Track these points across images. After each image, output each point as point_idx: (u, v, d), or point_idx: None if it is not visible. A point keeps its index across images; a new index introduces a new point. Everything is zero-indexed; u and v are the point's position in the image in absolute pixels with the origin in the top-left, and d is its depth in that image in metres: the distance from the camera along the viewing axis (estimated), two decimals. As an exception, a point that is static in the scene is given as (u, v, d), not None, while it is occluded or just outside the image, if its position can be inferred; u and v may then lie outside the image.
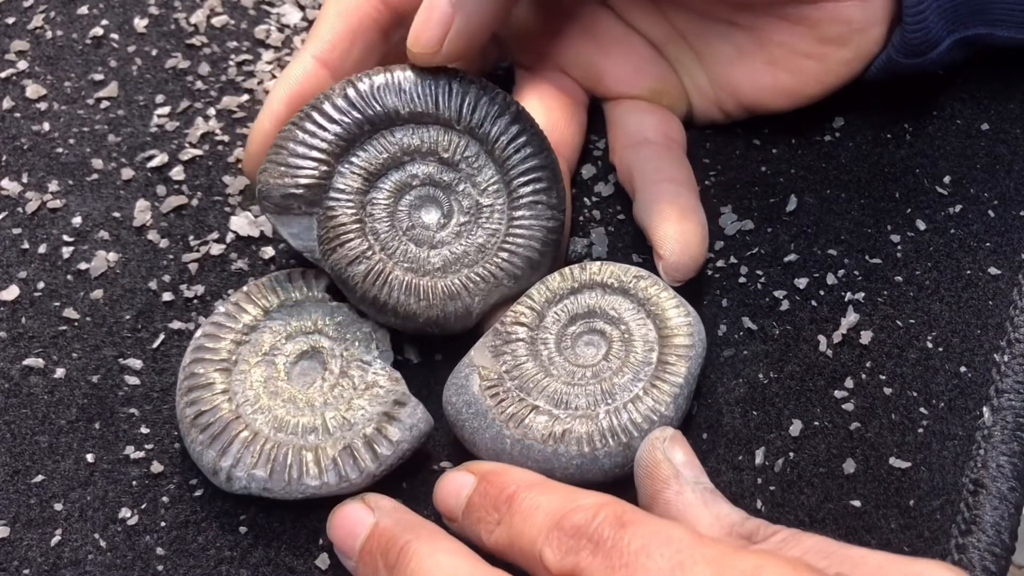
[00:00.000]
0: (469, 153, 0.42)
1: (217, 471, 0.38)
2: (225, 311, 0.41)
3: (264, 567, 0.38)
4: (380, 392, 0.39)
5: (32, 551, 0.38)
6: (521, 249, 0.41)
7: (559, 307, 0.41)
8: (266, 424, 0.39)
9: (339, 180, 0.40)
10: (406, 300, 0.40)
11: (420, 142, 0.41)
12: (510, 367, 0.39)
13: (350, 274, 0.40)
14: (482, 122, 0.41)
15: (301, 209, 0.40)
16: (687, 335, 0.39)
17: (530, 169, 0.42)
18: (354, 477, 0.37)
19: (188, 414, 0.39)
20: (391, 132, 0.41)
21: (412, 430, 0.38)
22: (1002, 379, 0.41)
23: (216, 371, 0.40)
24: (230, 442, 0.38)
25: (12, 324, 0.43)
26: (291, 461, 0.37)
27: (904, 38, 0.43)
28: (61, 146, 0.48)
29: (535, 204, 0.42)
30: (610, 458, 0.37)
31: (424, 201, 0.42)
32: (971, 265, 0.44)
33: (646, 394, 0.38)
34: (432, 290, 0.40)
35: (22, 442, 0.40)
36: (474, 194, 0.42)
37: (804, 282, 0.44)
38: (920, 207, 0.46)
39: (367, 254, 0.40)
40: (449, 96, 0.41)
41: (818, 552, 0.32)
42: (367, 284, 0.40)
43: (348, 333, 0.41)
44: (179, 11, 0.53)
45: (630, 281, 0.41)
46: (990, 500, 0.37)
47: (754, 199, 0.46)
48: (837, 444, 0.40)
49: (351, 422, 0.38)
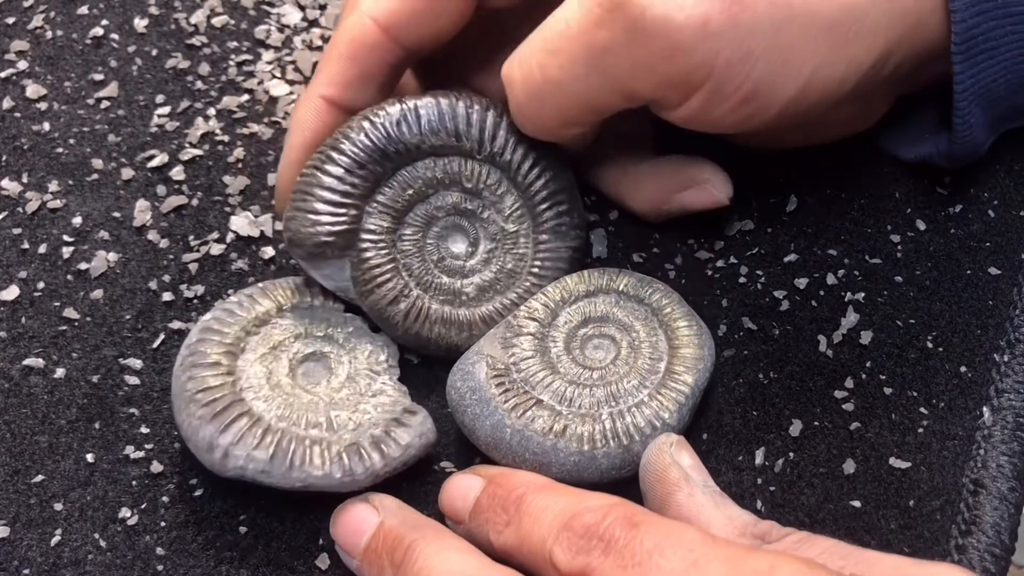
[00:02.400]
0: (491, 181, 0.41)
1: (213, 447, 0.36)
2: (238, 300, 0.40)
3: (264, 567, 0.38)
4: (386, 401, 0.39)
5: (32, 551, 0.38)
6: (549, 272, 0.42)
7: (573, 308, 0.41)
8: (268, 412, 0.38)
9: (368, 221, 0.40)
10: (447, 333, 0.41)
11: (443, 174, 0.41)
12: (518, 360, 0.40)
13: (390, 314, 0.40)
14: (503, 150, 0.41)
15: (334, 254, 0.40)
16: (697, 347, 0.39)
17: (552, 193, 0.42)
18: (359, 472, 0.37)
19: (189, 388, 0.37)
20: (413, 167, 0.41)
21: (421, 437, 0.38)
22: (1002, 379, 0.41)
23: (221, 353, 0.39)
24: (232, 420, 0.37)
25: (12, 324, 0.43)
26: (295, 448, 0.36)
27: (951, 150, 0.43)
28: (61, 146, 0.48)
29: (559, 227, 0.42)
30: (608, 459, 0.37)
31: (450, 231, 0.42)
32: (971, 265, 0.44)
33: (651, 400, 0.38)
34: (470, 320, 0.41)
35: (22, 442, 0.40)
36: (499, 220, 0.42)
37: (804, 282, 0.44)
38: (920, 207, 0.46)
39: (405, 292, 0.41)
40: (469, 126, 0.41)
41: (833, 553, 0.32)
42: (408, 322, 0.41)
43: (359, 344, 0.41)
44: (179, 11, 0.53)
45: (645, 290, 0.41)
46: (990, 500, 0.37)
47: (754, 199, 0.46)
48: (837, 444, 0.40)
49: (358, 423, 0.38)
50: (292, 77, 0.51)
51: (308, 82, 0.51)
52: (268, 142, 0.49)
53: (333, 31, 0.46)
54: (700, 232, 0.46)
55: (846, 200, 0.46)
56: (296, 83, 0.51)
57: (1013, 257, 0.44)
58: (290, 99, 0.50)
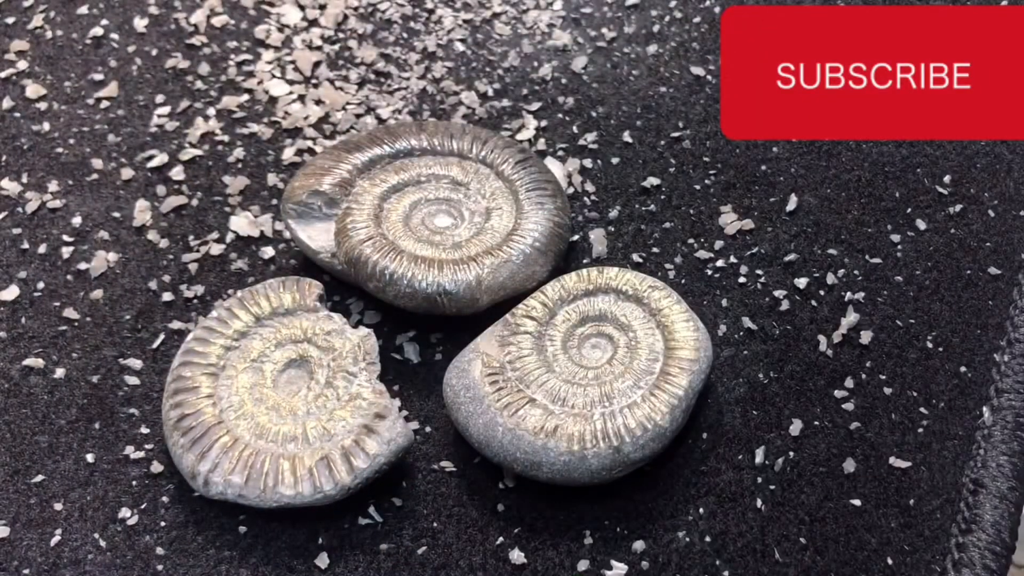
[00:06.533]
0: (480, 173, 0.45)
1: (195, 475, 0.38)
2: (217, 316, 0.41)
3: (264, 567, 0.38)
4: (363, 404, 0.39)
5: (32, 551, 0.38)
6: (529, 238, 0.43)
7: (571, 307, 0.41)
8: (247, 430, 0.39)
9: (359, 185, 0.44)
10: (416, 271, 0.41)
11: (438, 170, 0.45)
12: (513, 358, 0.40)
13: (362, 252, 0.42)
14: (492, 151, 0.45)
15: (321, 211, 0.43)
16: (693, 349, 0.39)
17: (534, 181, 0.45)
18: (328, 488, 0.37)
19: (172, 417, 0.39)
20: (409, 160, 0.45)
21: (390, 444, 0.38)
22: (1002, 379, 0.41)
23: (203, 375, 0.40)
24: (210, 447, 0.38)
25: (12, 324, 0.43)
26: (268, 469, 0.37)
27: None
28: (61, 146, 0.48)
29: (542, 206, 0.44)
30: (598, 459, 0.37)
31: (437, 212, 0.44)
32: (971, 265, 0.44)
33: (644, 401, 0.38)
34: (443, 262, 0.42)
35: (22, 442, 0.40)
36: (483, 202, 0.44)
37: (804, 282, 0.44)
38: (920, 207, 0.46)
39: (380, 237, 0.43)
40: (463, 140, 0.46)
41: None
42: (380, 258, 0.42)
43: (337, 343, 0.41)
44: (179, 11, 0.53)
45: (645, 290, 0.41)
46: (990, 499, 0.37)
47: (754, 199, 0.46)
48: (837, 444, 0.40)
49: (331, 432, 0.38)
50: (292, 77, 0.51)
51: (307, 82, 0.51)
52: (268, 142, 0.49)
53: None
54: (700, 232, 0.46)
55: (846, 200, 0.46)
56: (296, 83, 0.51)
57: (1013, 257, 0.44)
58: (290, 99, 0.50)
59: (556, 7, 0.55)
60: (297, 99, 0.51)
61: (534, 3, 0.55)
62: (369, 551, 0.38)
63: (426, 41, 0.53)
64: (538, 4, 0.55)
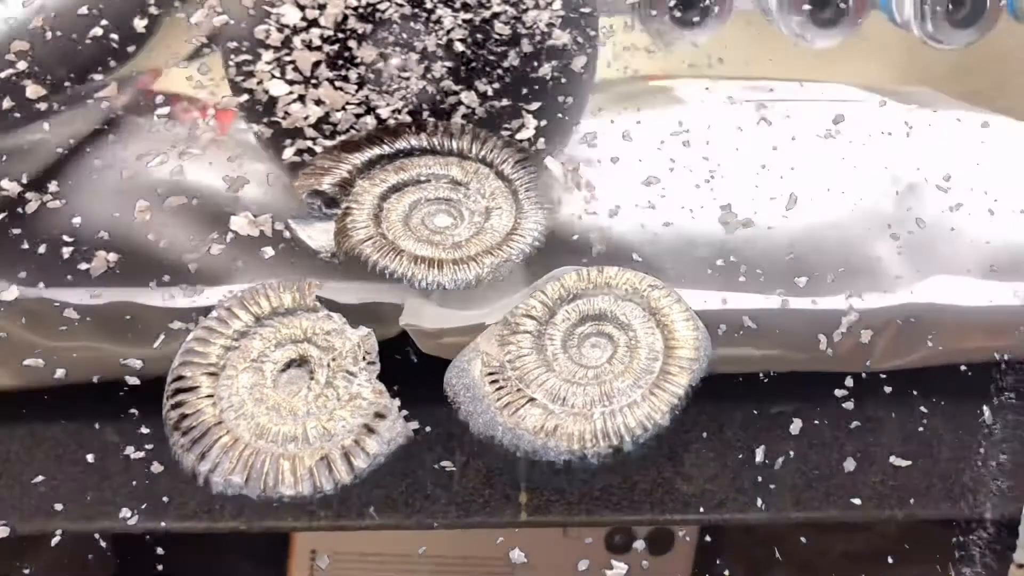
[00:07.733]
0: (480, 173, 0.46)
1: (196, 474, 0.38)
2: (218, 316, 0.41)
3: (265, 565, 0.38)
4: (363, 404, 0.39)
5: (32, 551, 0.38)
6: (529, 238, 0.43)
7: (571, 306, 0.41)
8: (248, 430, 0.39)
9: (359, 185, 0.45)
10: (416, 271, 0.42)
11: (438, 169, 0.46)
12: (513, 357, 0.40)
13: (362, 251, 0.42)
14: (492, 151, 0.46)
15: (321, 210, 0.44)
16: (693, 348, 0.39)
17: (532, 178, 0.45)
18: (328, 488, 0.37)
19: (172, 416, 0.39)
20: (409, 160, 0.46)
21: (390, 444, 0.38)
22: (1002, 379, 0.41)
23: (204, 375, 0.40)
24: (210, 447, 0.38)
25: (12, 324, 0.43)
26: (268, 468, 0.38)
27: None
28: (61, 146, 0.48)
29: (541, 206, 0.45)
30: (598, 458, 0.37)
31: (436, 211, 0.45)
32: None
33: (644, 401, 0.38)
34: (442, 262, 0.42)
35: (22, 442, 0.40)
36: (483, 202, 0.45)
37: (804, 281, 0.44)
38: (920, 207, 0.46)
39: (380, 237, 0.43)
40: (462, 139, 0.46)
41: None
42: (379, 258, 0.42)
43: (337, 343, 0.41)
44: (179, 11, 0.53)
45: (645, 290, 0.41)
46: (990, 499, 0.37)
47: (754, 198, 0.46)
48: (837, 444, 0.40)
49: (331, 432, 0.39)
50: (292, 77, 0.51)
51: (307, 82, 0.51)
52: (268, 142, 0.49)
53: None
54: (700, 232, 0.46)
55: (846, 199, 0.46)
56: (296, 83, 0.51)
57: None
58: (290, 99, 0.50)
59: (556, 7, 0.55)
60: (297, 99, 0.51)
61: (534, 3, 0.55)
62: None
63: (426, 41, 0.53)
64: (538, 4, 0.55)
